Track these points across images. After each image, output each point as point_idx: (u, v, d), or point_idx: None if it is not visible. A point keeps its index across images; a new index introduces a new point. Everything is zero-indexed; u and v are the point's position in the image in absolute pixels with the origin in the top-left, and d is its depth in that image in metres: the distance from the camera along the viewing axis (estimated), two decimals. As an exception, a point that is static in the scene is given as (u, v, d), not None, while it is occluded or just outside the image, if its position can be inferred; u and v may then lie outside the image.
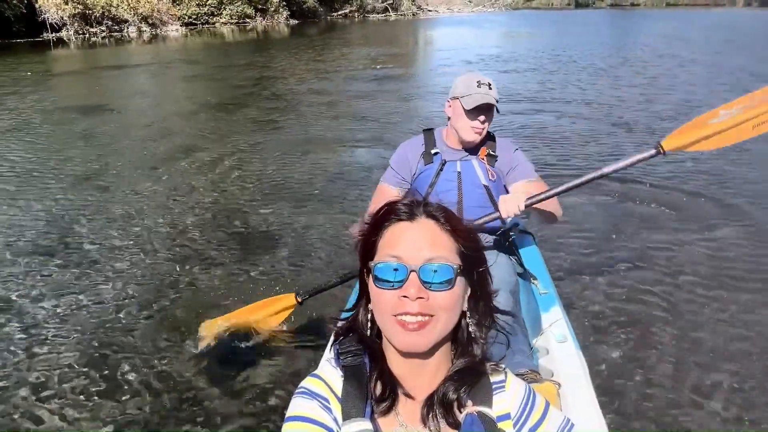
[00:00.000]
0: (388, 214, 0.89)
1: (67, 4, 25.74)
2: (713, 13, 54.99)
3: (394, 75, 13.62)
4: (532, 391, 0.94)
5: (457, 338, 0.91)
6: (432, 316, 0.83)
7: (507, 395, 0.91)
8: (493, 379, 0.91)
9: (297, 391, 0.89)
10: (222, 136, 7.59)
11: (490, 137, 2.41)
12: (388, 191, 2.40)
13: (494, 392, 0.90)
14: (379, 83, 12.22)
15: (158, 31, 29.70)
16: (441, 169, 2.33)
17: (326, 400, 0.87)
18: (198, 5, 33.44)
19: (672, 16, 50.12)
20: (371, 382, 0.87)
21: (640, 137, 6.96)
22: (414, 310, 0.82)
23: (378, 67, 15.16)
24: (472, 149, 2.36)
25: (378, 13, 51.55)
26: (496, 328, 0.94)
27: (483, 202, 2.29)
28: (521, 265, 2.38)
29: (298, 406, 0.87)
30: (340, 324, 0.96)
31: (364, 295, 0.91)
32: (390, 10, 52.63)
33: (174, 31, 30.37)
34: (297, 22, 39.16)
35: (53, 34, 25.98)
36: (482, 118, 2.25)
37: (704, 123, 2.02)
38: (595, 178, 2.13)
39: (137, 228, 4.52)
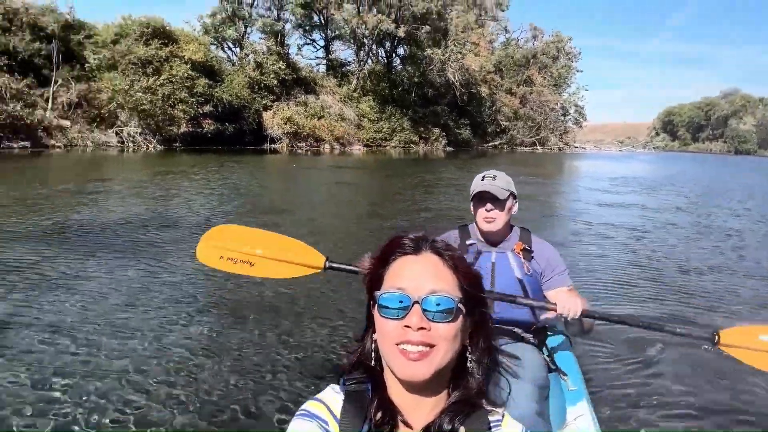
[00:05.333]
0: (395, 247, 0.94)
1: (285, 124, 34.08)
2: None
3: (536, 182, 17.55)
4: None
5: (456, 373, 0.93)
6: (433, 346, 0.87)
7: None
8: (490, 417, 0.92)
9: (297, 413, 0.92)
10: (383, 216, 10.23)
11: (524, 232, 2.46)
12: None
13: (492, 428, 0.91)
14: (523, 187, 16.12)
15: (345, 148, 37.28)
16: (476, 259, 2.36)
17: (325, 422, 0.90)
18: (375, 132, 41.15)
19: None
20: (372, 407, 0.91)
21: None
22: (415, 339, 0.86)
23: (520, 177, 19.18)
24: (503, 242, 2.42)
25: (525, 146, 56.75)
26: (497, 368, 0.97)
27: (516, 294, 2.25)
28: (553, 361, 2.35)
29: (297, 427, 0.90)
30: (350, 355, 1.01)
31: (371, 325, 0.95)
32: (537, 144, 57.68)
33: (357, 150, 37.87)
34: (452, 149, 45.34)
35: (270, 145, 34.18)
36: (488, 206, 2.34)
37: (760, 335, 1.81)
38: (650, 327, 2.05)
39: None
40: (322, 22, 44.35)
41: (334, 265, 2.25)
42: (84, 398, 2.83)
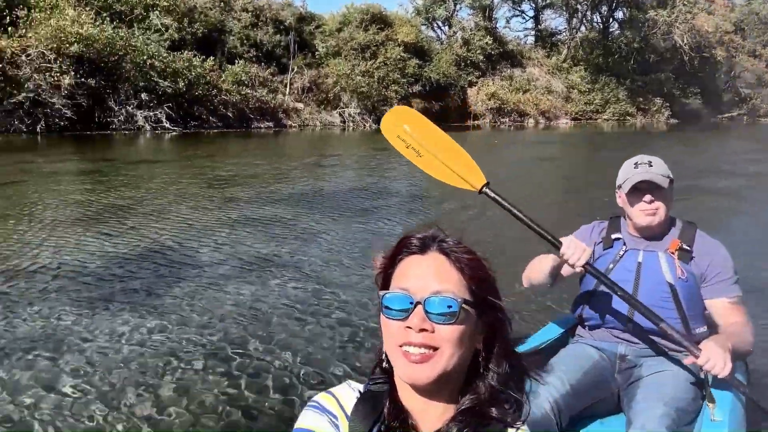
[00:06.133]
0: (402, 247, 0.92)
1: (489, 100, 34.41)
2: None
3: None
4: None
5: (469, 379, 0.90)
6: (436, 349, 0.84)
7: None
8: (504, 430, 0.88)
9: (308, 404, 0.93)
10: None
11: (688, 227, 2.13)
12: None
13: None
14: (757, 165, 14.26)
15: (551, 122, 36.26)
16: (621, 256, 2.14)
17: (335, 416, 0.90)
18: (585, 104, 39.05)
19: None
20: (386, 409, 0.89)
21: None
22: (417, 341, 0.84)
23: (749, 154, 16.72)
24: (658, 239, 2.12)
25: (773, 117, 48.28)
26: (520, 375, 0.92)
27: (663, 302, 1.99)
28: (706, 383, 1.95)
29: (307, 418, 0.90)
30: None
31: None
32: (790, 114, 48.61)
33: (563, 123, 36.55)
34: (676, 121, 40.80)
35: (473, 122, 34.87)
36: (647, 198, 2.04)
37: None
38: None
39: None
40: (532, -9, 43.11)
41: (491, 193, 2.02)
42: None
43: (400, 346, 0.86)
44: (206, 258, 5.12)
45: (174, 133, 21.43)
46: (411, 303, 0.85)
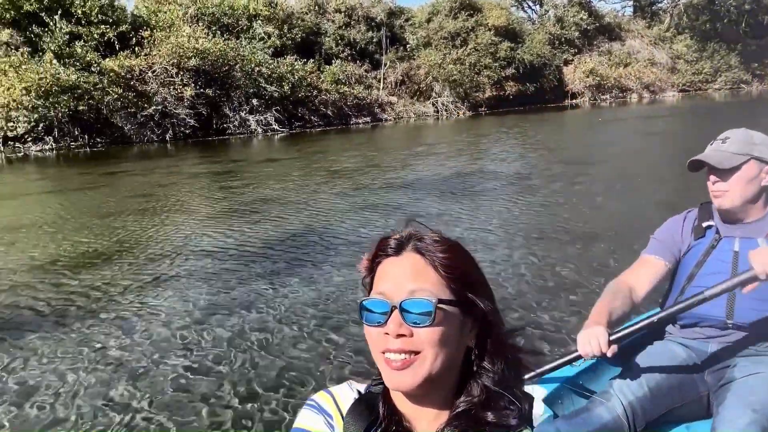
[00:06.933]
0: (378, 250, 0.88)
1: (587, 77, 33.32)
2: None
3: None
4: None
5: (464, 380, 0.86)
6: (418, 353, 0.80)
7: None
8: None
9: (307, 402, 0.92)
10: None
11: None
12: (647, 260, 2.04)
13: None
14: None
15: (656, 96, 34.47)
16: (714, 246, 1.94)
17: (331, 416, 0.89)
18: (693, 74, 36.67)
19: None
20: (381, 411, 0.87)
21: None
22: (395, 347, 0.80)
23: None
24: (755, 224, 1.90)
25: None
26: (515, 373, 0.87)
27: (766, 293, 1.76)
28: None
29: (305, 418, 0.90)
30: None
31: None
32: None
33: (670, 96, 34.63)
34: (801, 84, 37.23)
35: (571, 101, 33.93)
36: (712, 178, 1.91)
37: None
38: None
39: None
40: (629, -40, 41.01)
41: None
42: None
43: (383, 353, 0.82)
44: (350, 238, 5.88)
45: (282, 134, 22.95)
46: (388, 307, 0.81)
